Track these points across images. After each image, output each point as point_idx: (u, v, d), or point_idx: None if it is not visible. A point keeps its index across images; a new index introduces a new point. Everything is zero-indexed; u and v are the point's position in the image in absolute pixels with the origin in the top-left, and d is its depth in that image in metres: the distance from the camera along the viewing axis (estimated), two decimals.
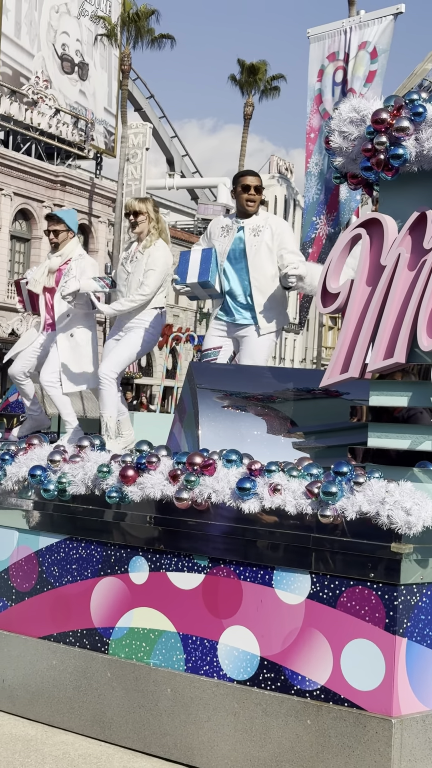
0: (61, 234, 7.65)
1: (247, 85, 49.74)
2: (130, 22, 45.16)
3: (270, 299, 6.90)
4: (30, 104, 47.11)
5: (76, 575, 5.32)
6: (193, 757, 4.73)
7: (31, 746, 4.96)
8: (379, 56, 10.95)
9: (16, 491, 5.61)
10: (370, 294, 4.85)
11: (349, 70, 11.12)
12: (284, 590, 4.55)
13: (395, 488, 4.24)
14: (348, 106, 4.95)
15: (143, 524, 5.05)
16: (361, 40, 11.04)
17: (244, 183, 6.97)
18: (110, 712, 5.05)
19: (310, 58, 11.57)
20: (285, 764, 4.43)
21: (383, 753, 4.16)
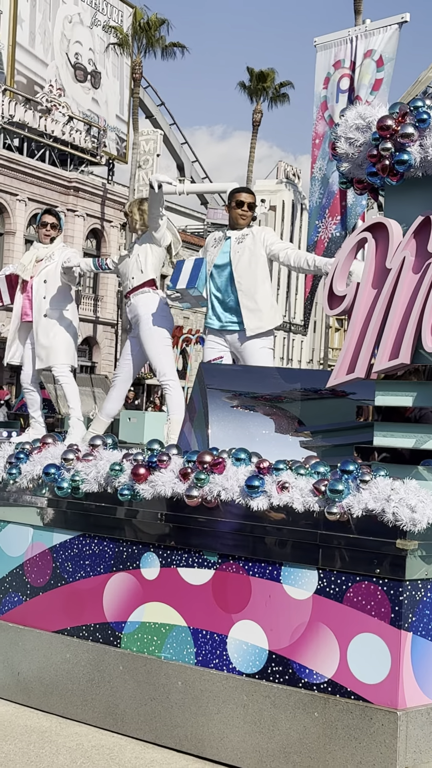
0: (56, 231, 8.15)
1: (255, 93, 49.73)
2: (141, 31, 45.19)
3: (258, 302, 7.08)
4: (44, 112, 47.17)
5: (89, 571, 5.32)
6: (203, 748, 4.73)
7: (46, 738, 4.96)
8: (385, 64, 10.93)
9: (31, 489, 5.62)
10: (375, 296, 4.85)
11: (355, 78, 11.10)
12: (292, 585, 4.54)
13: (400, 486, 4.24)
14: (354, 112, 4.95)
15: (154, 521, 5.05)
16: (366, 48, 11.02)
17: (238, 199, 7.25)
18: (122, 705, 5.05)
19: (317, 66, 11.56)
20: (293, 756, 4.43)
21: (389, 745, 4.15)
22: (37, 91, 47.92)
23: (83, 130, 49.68)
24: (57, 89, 49.08)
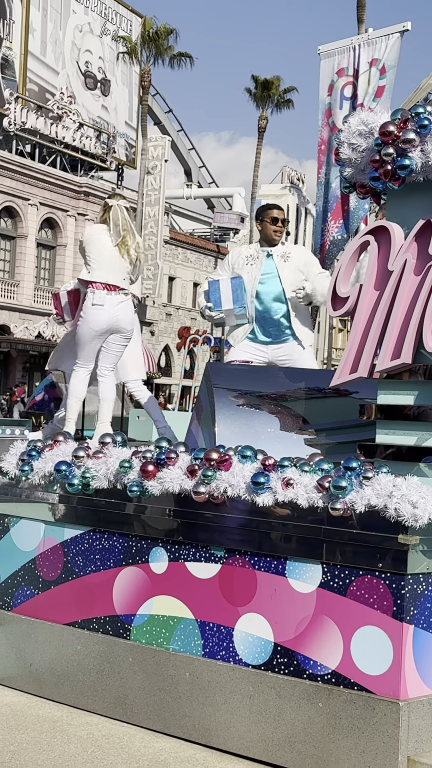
0: None
1: (261, 99, 49.73)
2: (150, 41, 45.21)
3: (302, 316, 7.24)
4: (55, 119, 47.26)
5: (100, 565, 5.33)
6: (210, 737, 4.74)
7: (57, 727, 4.97)
8: (387, 72, 10.92)
9: (43, 485, 5.62)
10: (378, 298, 4.85)
11: (359, 86, 11.09)
12: (297, 579, 4.54)
13: (402, 482, 4.23)
14: (357, 119, 4.95)
15: (163, 517, 5.06)
16: (371, 57, 11.01)
17: (272, 215, 7.31)
18: (132, 695, 5.06)
19: (321, 74, 11.55)
20: (298, 745, 4.43)
21: (391, 734, 4.15)
22: (48, 99, 48.02)
23: (93, 137, 49.77)
24: (68, 97, 49.18)
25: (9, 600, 5.76)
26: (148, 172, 46.63)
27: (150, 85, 46.55)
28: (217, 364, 6.73)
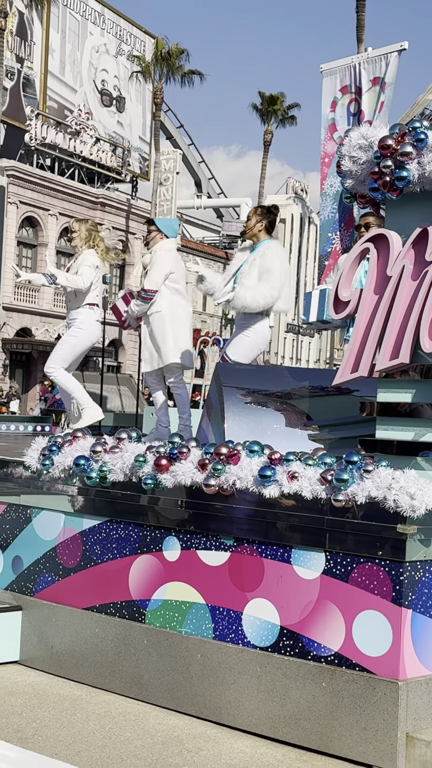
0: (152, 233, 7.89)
1: (266, 114, 49.65)
2: (162, 60, 45.17)
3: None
4: (73, 134, 47.27)
5: (116, 553, 5.33)
6: (220, 715, 4.74)
7: (77, 705, 4.98)
8: (387, 88, 10.89)
9: (63, 479, 5.63)
10: (377, 301, 4.84)
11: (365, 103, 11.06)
12: (301, 566, 4.54)
13: (401, 475, 4.23)
14: (357, 133, 4.94)
15: (175, 508, 5.06)
16: (373, 75, 10.98)
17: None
18: (147, 675, 5.06)
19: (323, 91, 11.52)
20: (303, 722, 4.43)
21: (391, 712, 4.15)
22: (67, 115, 48.03)
23: (109, 151, 49.76)
24: (85, 113, 49.18)
25: (31, 586, 5.76)
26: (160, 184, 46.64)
27: (162, 101, 46.55)
28: (226, 365, 6.72)
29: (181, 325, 7.52)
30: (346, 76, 11.24)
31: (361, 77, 11.07)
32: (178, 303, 7.52)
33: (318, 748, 4.37)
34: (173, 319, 7.47)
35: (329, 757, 4.32)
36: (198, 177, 62.29)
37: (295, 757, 4.34)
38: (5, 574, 5.93)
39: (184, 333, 7.55)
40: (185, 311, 7.60)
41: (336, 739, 4.31)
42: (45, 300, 43.89)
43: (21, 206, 43.07)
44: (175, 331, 7.45)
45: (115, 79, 53.08)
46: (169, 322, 7.44)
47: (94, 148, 48.19)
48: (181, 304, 7.54)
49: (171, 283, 7.51)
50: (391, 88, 10.91)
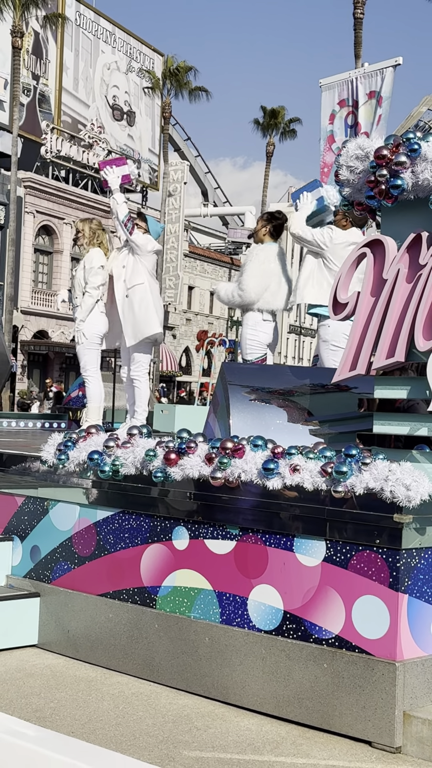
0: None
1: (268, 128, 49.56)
2: (171, 76, 45.12)
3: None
4: (86, 147, 47.31)
5: (128, 542, 5.33)
6: (228, 694, 4.74)
7: (92, 686, 4.98)
8: (384, 102, 10.86)
9: (77, 472, 5.63)
10: (374, 303, 4.83)
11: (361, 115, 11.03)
12: (303, 554, 4.54)
13: (397, 468, 4.22)
14: (354, 144, 4.94)
15: (184, 499, 5.06)
16: (369, 89, 10.95)
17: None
18: (158, 658, 5.06)
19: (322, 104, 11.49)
20: (305, 701, 4.42)
21: (389, 691, 4.14)
22: (80, 129, 48.07)
23: None
24: (97, 127, 49.21)
25: (49, 573, 5.77)
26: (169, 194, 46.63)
27: (170, 116, 46.48)
28: (232, 364, 6.73)
29: (159, 299, 7.60)
30: (343, 90, 11.21)
31: (358, 91, 11.04)
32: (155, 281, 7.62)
33: (320, 726, 4.37)
34: (153, 292, 7.50)
35: (330, 734, 4.32)
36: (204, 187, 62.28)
37: (298, 734, 4.34)
38: (24, 562, 5.94)
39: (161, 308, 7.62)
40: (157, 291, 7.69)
41: (337, 717, 4.30)
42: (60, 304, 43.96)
43: (38, 215, 43.12)
44: (156, 303, 7.48)
45: (125, 95, 53.08)
46: (150, 294, 7.44)
47: None
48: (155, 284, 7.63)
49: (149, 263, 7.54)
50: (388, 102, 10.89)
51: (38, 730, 2.70)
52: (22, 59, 40.28)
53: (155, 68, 51.29)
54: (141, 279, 7.42)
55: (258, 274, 7.26)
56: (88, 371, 7.74)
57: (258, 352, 7.30)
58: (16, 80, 37.34)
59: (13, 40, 36.97)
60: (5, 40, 39.34)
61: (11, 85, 38.35)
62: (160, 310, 7.51)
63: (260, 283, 7.25)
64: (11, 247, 35.62)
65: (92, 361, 7.75)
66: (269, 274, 7.28)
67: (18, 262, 39.75)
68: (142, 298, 7.38)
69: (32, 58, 45.34)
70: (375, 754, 4.11)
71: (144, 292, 7.39)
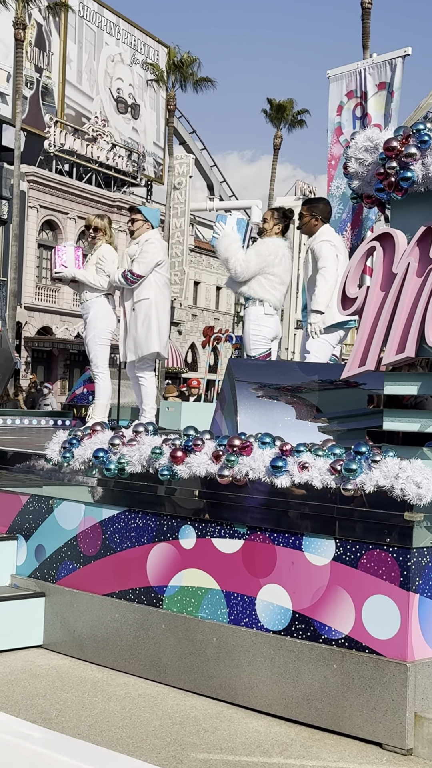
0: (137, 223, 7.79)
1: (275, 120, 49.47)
2: (175, 68, 45.06)
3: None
4: (90, 140, 47.29)
5: (134, 541, 5.34)
6: (236, 696, 4.74)
7: (98, 687, 4.98)
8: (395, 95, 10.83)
9: (83, 470, 5.63)
10: (383, 298, 4.82)
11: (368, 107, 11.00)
12: (312, 553, 4.53)
13: (407, 465, 4.21)
14: (363, 135, 4.92)
15: (191, 498, 5.06)
16: (378, 80, 10.92)
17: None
18: (165, 658, 5.06)
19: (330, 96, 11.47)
20: (315, 702, 4.42)
21: (399, 692, 4.14)
22: (84, 122, 48.04)
23: (125, 156, 49.77)
24: (101, 120, 49.18)
25: (54, 573, 5.77)
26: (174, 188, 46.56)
27: (175, 108, 46.38)
28: (239, 360, 6.72)
29: (165, 314, 7.54)
30: (351, 81, 11.18)
31: (367, 82, 11.01)
32: (164, 294, 7.53)
33: (329, 728, 4.36)
34: (159, 308, 7.47)
35: (340, 736, 4.31)
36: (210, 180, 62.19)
37: (308, 736, 4.34)
38: (29, 562, 5.95)
39: (166, 323, 7.58)
40: (168, 302, 7.65)
41: (347, 719, 4.30)
42: (65, 300, 43.97)
43: (41, 210, 43.13)
44: (159, 320, 7.44)
45: (130, 87, 53.04)
46: (155, 312, 7.42)
47: (110, 154, 48.20)
48: (165, 295, 7.56)
49: (159, 273, 7.49)
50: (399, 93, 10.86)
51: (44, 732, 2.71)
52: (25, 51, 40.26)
53: (160, 60, 51.22)
54: (147, 294, 7.42)
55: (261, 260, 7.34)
56: (98, 367, 7.76)
57: (262, 348, 7.32)
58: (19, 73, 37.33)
59: (16, 32, 36.96)
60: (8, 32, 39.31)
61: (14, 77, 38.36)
62: (164, 327, 7.49)
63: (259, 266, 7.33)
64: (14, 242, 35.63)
65: (102, 357, 7.77)
66: (272, 265, 7.31)
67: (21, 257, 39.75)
68: (145, 315, 7.40)
69: (35, 51, 45.32)
70: (386, 756, 4.11)
71: (148, 308, 7.40)
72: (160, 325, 7.40)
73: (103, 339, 7.79)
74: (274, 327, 7.44)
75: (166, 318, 7.54)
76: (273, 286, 7.35)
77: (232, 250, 7.39)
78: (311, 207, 7.55)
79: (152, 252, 7.38)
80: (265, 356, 7.37)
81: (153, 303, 7.38)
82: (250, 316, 7.39)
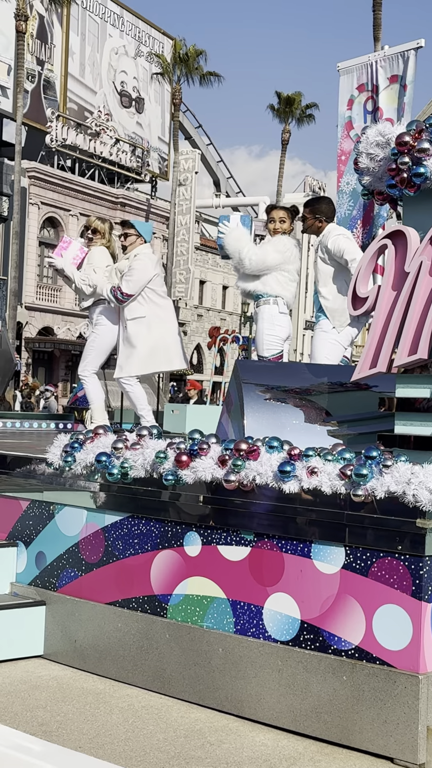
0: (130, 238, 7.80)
1: (284, 114, 49.51)
2: (180, 61, 45.13)
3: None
4: (93, 135, 47.37)
5: (138, 548, 5.33)
6: (242, 708, 4.73)
7: (101, 699, 4.98)
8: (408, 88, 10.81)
9: (85, 475, 5.63)
10: (395, 297, 4.81)
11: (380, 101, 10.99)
12: (321, 561, 4.53)
13: (420, 470, 4.20)
14: (374, 130, 4.92)
15: (196, 503, 5.05)
16: (390, 73, 10.91)
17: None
18: (169, 669, 5.06)
19: (340, 89, 11.45)
20: (324, 715, 4.41)
21: (411, 705, 4.13)
22: (87, 117, 48.13)
23: (129, 151, 49.84)
24: (105, 114, 49.26)
25: (55, 581, 5.78)
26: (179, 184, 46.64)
27: (181, 102, 46.50)
28: (246, 361, 6.72)
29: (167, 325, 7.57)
30: (362, 74, 11.17)
31: (378, 75, 11.00)
32: (161, 306, 7.57)
33: (339, 741, 4.36)
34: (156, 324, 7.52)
35: (350, 750, 4.31)
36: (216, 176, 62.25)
37: (317, 749, 4.33)
38: (29, 569, 5.95)
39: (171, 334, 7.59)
40: (167, 311, 7.64)
41: (357, 732, 4.29)
42: (66, 299, 44.05)
43: (42, 207, 43.20)
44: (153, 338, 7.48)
45: (134, 81, 53.14)
46: (146, 331, 7.47)
47: (113, 149, 48.27)
48: (163, 306, 7.59)
49: (151, 289, 7.53)
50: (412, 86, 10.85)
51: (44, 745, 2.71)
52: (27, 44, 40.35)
53: (165, 52, 51.28)
54: (142, 311, 7.48)
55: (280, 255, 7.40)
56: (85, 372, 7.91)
57: (275, 349, 7.34)
58: (20, 66, 37.41)
59: (17, 24, 37.06)
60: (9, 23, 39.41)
61: (15, 70, 38.47)
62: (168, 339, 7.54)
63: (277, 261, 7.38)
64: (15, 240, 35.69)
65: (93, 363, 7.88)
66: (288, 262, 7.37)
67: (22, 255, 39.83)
68: (135, 334, 7.48)
69: (37, 43, 45.43)
70: None
71: (139, 327, 7.47)
72: (155, 345, 7.46)
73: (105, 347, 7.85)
74: (287, 326, 7.49)
75: (170, 329, 7.60)
76: (288, 282, 7.44)
77: (243, 241, 7.43)
78: (314, 209, 7.51)
79: (140, 269, 7.44)
80: (278, 357, 7.38)
81: (144, 322, 7.45)
82: (263, 315, 7.40)
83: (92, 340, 7.92)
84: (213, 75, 46.40)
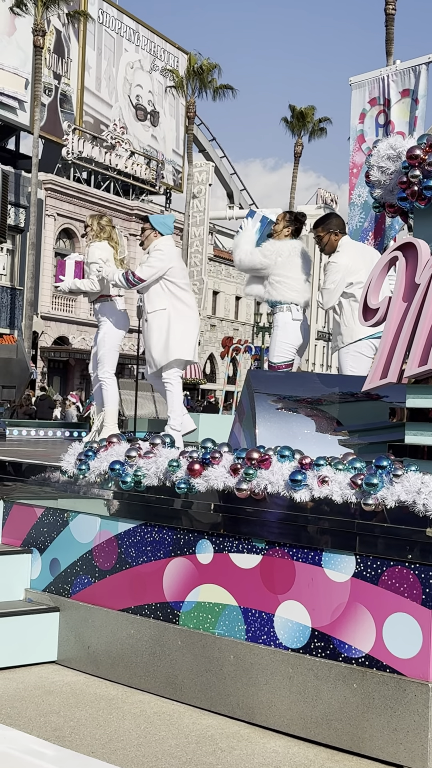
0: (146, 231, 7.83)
1: (297, 128, 49.57)
2: (195, 75, 45.23)
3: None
4: (109, 148, 47.53)
5: (151, 556, 5.33)
6: (253, 715, 4.72)
7: (113, 705, 4.98)
8: (420, 102, 10.81)
9: (99, 483, 5.64)
10: (406, 309, 4.80)
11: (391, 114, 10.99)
12: (332, 569, 4.51)
13: (430, 480, 4.19)
14: (385, 144, 4.92)
15: (208, 511, 5.05)
16: (402, 87, 10.91)
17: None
18: (181, 676, 5.05)
19: (352, 103, 11.47)
20: (334, 722, 4.40)
21: (421, 713, 4.11)
22: (102, 130, 48.30)
23: (143, 164, 49.98)
24: (120, 128, 49.42)
25: (68, 588, 5.78)
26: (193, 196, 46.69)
27: (195, 115, 46.60)
28: (258, 371, 6.72)
29: (188, 320, 7.50)
30: (374, 89, 11.18)
31: (390, 89, 11.01)
32: (182, 300, 7.50)
33: (349, 749, 4.34)
34: (177, 315, 7.44)
35: (360, 758, 4.29)
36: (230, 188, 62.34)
37: (327, 757, 4.32)
38: (43, 576, 5.95)
39: (192, 328, 7.52)
40: (189, 308, 7.57)
41: (367, 740, 4.27)
42: (81, 309, 44.15)
43: (58, 218, 43.34)
44: (176, 330, 7.40)
45: (149, 94, 53.32)
46: (167, 322, 7.39)
47: (129, 162, 48.40)
48: (184, 300, 7.51)
49: (171, 281, 7.47)
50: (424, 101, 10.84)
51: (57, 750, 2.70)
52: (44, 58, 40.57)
53: (179, 66, 51.46)
54: (162, 304, 7.42)
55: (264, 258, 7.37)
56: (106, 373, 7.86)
57: (286, 356, 7.28)
58: (38, 80, 37.60)
59: (35, 39, 37.25)
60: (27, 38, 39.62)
61: (32, 84, 38.64)
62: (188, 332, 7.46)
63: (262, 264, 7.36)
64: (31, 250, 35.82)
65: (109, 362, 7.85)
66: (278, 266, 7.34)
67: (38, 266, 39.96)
68: (159, 326, 7.41)
69: (54, 57, 45.64)
70: None
71: (161, 318, 7.40)
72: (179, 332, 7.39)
73: (113, 344, 7.83)
74: (301, 335, 7.36)
75: (191, 323, 7.52)
76: (289, 286, 7.30)
77: (242, 242, 7.41)
78: (325, 225, 7.38)
79: (158, 258, 7.40)
80: (287, 365, 7.34)
81: (165, 314, 7.39)
82: (277, 323, 7.37)
83: (100, 339, 7.90)
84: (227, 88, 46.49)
